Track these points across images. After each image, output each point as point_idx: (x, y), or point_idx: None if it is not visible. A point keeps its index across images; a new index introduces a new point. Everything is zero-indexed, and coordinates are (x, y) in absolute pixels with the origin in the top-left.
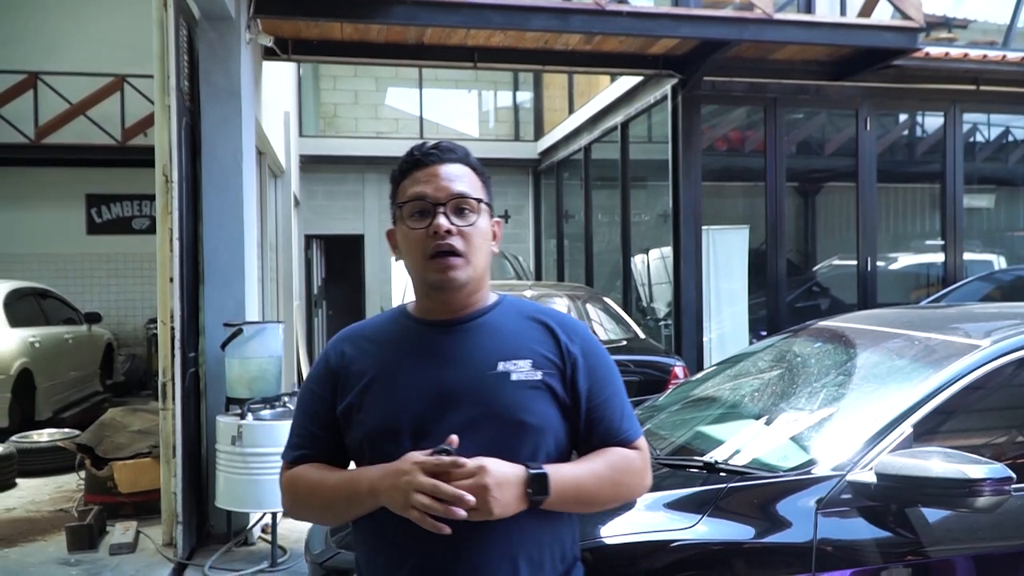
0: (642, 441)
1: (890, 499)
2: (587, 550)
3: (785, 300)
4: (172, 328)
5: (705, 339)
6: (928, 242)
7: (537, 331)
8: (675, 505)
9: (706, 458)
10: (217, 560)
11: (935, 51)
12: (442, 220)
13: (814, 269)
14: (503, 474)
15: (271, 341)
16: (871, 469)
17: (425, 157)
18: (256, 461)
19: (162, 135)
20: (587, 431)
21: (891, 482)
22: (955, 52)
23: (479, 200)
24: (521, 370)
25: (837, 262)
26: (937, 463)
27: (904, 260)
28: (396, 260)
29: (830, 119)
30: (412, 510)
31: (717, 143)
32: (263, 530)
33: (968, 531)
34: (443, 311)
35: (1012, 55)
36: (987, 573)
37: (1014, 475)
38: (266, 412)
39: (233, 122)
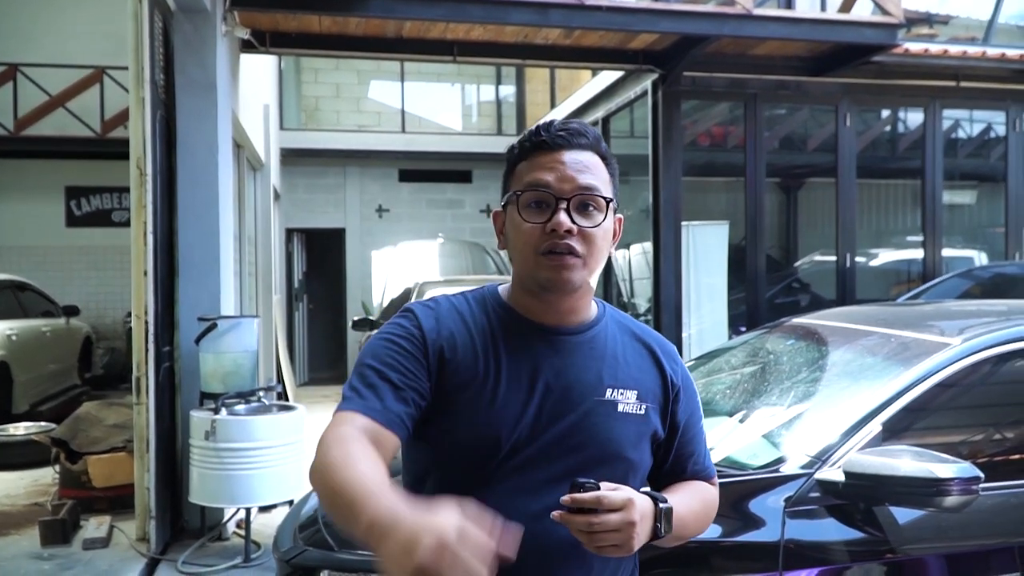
0: (716, 478)
1: (858, 498)
2: None
3: (765, 296)
4: (146, 322)
5: (684, 335)
6: (909, 238)
7: (642, 355)
8: None
9: None
10: (190, 555)
11: (915, 47)
12: (563, 217)
13: (795, 265)
14: (644, 508)
15: (246, 336)
16: (839, 467)
17: (553, 140)
18: (230, 456)
19: (136, 128)
20: (677, 463)
21: (859, 480)
22: (935, 48)
23: (607, 199)
24: (628, 401)
25: (819, 258)
26: (905, 462)
27: (885, 256)
28: (498, 248)
29: (813, 115)
30: None
31: (700, 138)
32: (237, 525)
33: (936, 530)
34: (548, 313)
35: (992, 51)
36: (955, 573)
37: (982, 475)
38: (241, 407)
39: (209, 115)
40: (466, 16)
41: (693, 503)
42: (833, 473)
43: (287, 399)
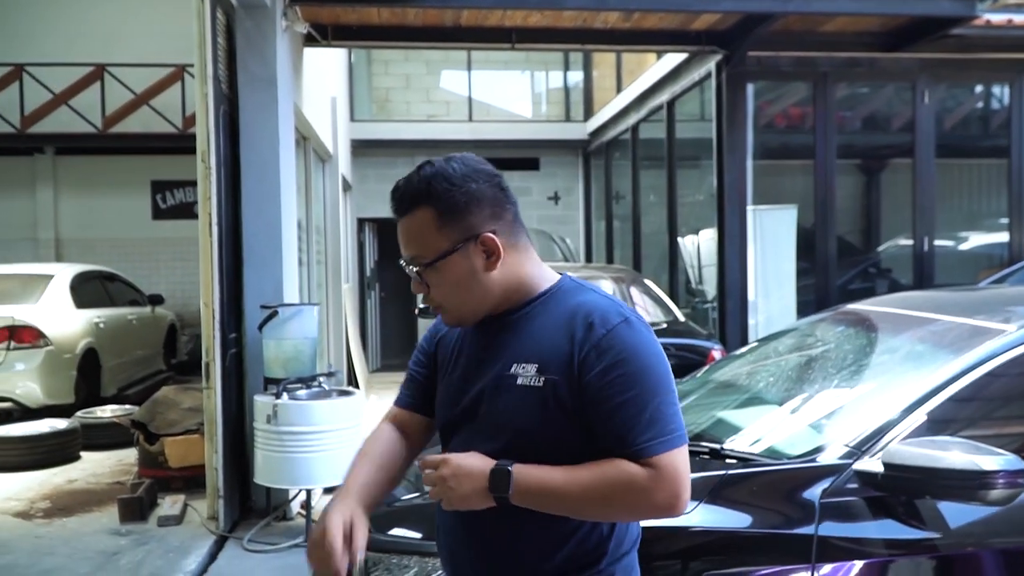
0: (663, 459)
1: (898, 490)
2: None
3: (836, 282)
4: (213, 310)
5: (751, 322)
6: (1000, 220)
7: (559, 327)
8: None
9: (711, 444)
10: (256, 534)
11: (997, 18)
12: (414, 284)
13: (878, 250)
14: (464, 467)
15: (307, 323)
16: (879, 458)
17: (393, 210)
18: (291, 439)
19: (201, 122)
20: (600, 437)
21: (899, 472)
22: (1020, 19)
23: (428, 264)
24: (527, 374)
25: (903, 242)
26: (948, 453)
27: (974, 240)
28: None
29: (897, 92)
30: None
31: (776, 119)
32: (301, 506)
33: (982, 525)
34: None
35: None
36: (1001, 570)
37: None
38: (302, 392)
39: (270, 108)
40: (523, 2)
41: (583, 476)
42: (872, 464)
43: (357, 385)
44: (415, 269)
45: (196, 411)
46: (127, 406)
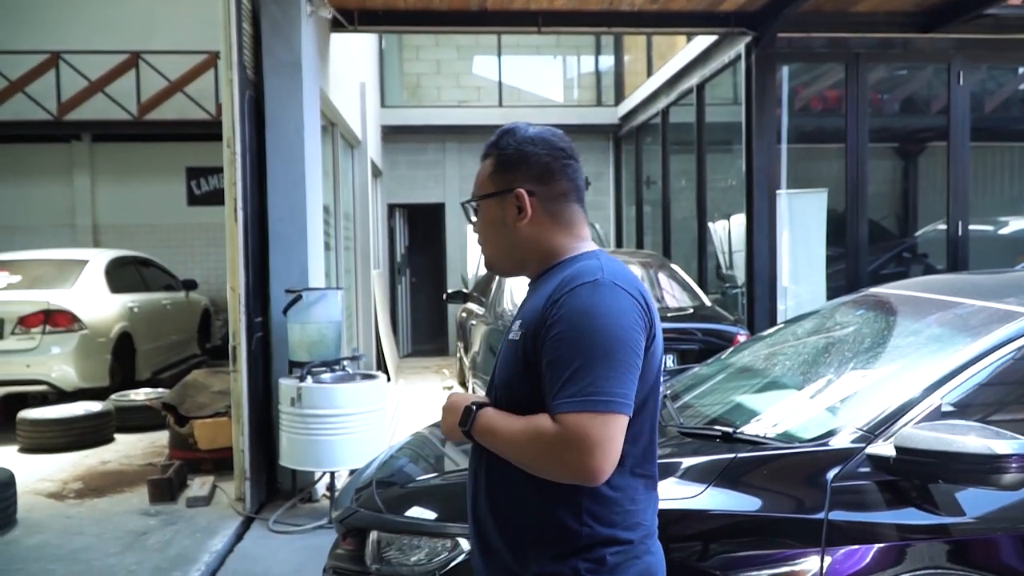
0: (570, 418)
1: (910, 474)
2: None
3: (867, 267)
4: (239, 294)
5: (780, 307)
6: None
7: (551, 287)
8: (685, 474)
9: (724, 428)
10: (281, 515)
11: None
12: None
13: (916, 234)
14: (453, 404)
15: (331, 307)
16: (892, 442)
17: None
18: (315, 422)
19: (227, 108)
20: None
21: (911, 456)
22: None
23: (469, 201)
24: (515, 331)
25: (941, 227)
26: (961, 437)
27: (1014, 224)
28: None
29: (937, 74)
30: None
31: (812, 103)
32: (327, 488)
33: (996, 510)
34: (527, 276)
35: None
36: (1017, 556)
37: None
38: (326, 375)
39: (294, 94)
40: None
41: (517, 425)
42: (884, 448)
43: (387, 370)
44: (464, 208)
45: (225, 394)
46: (160, 389)
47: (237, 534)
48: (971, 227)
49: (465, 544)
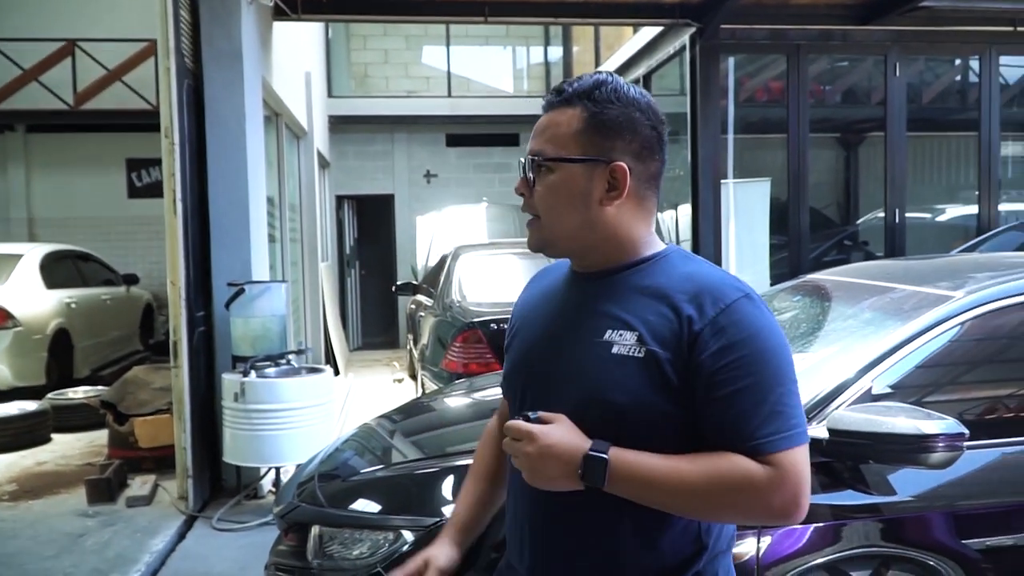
0: (785, 456)
1: (843, 455)
2: None
3: (809, 255)
4: (179, 288)
5: None
6: (973, 193)
7: (673, 295)
8: None
9: None
10: (225, 513)
11: None
12: (519, 180)
13: (858, 222)
14: (555, 448)
15: (275, 300)
16: (825, 425)
17: (545, 104)
18: (259, 417)
19: (164, 98)
20: (704, 427)
21: (843, 437)
22: None
23: (547, 159)
24: (625, 343)
25: (881, 215)
26: (890, 418)
27: (951, 212)
28: None
29: (877, 66)
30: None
31: (757, 94)
32: (273, 484)
33: (925, 489)
34: (582, 266)
35: None
36: (945, 533)
37: (967, 431)
38: (270, 370)
39: (235, 84)
40: None
41: (690, 471)
42: (818, 430)
43: (336, 364)
44: (531, 163)
45: (166, 391)
46: (100, 387)
47: (179, 533)
48: (908, 215)
49: (408, 535)
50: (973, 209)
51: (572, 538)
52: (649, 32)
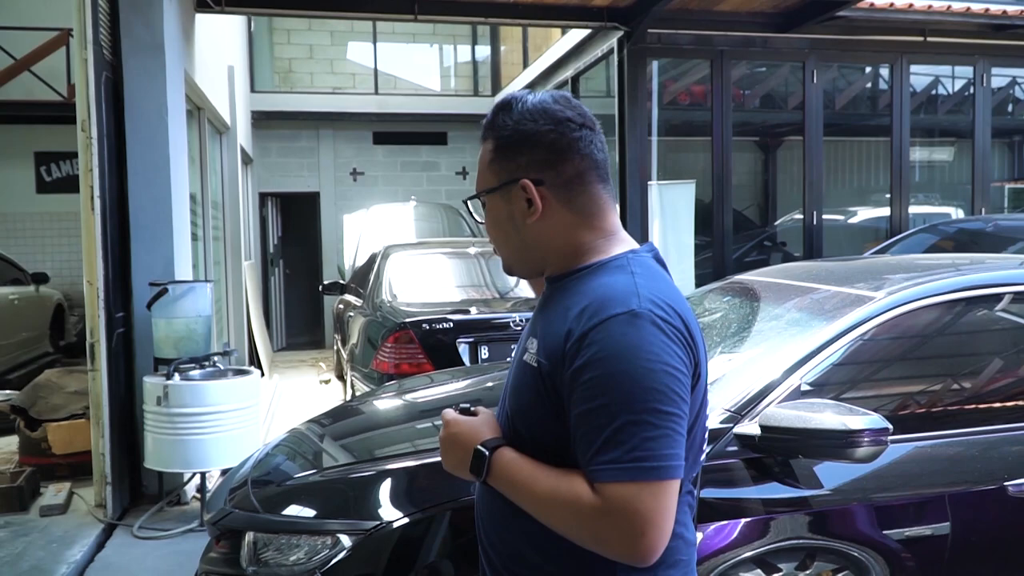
0: (613, 489)
1: (774, 451)
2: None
3: (732, 255)
4: (97, 288)
5: None
6: (885, 196)
7: (573, 306)
8: None
9: None
10: (147, 520)
11: (880, 1)
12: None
13: (775, 224)
14: (457, 435)
15: (199, 300)
16: (756, 422)
17: None
18: (183, 421)
19: (81, 90)
20: (571, 443)
21: (774, 434)
22: (900, 2)
23: (472, 198)
24: (531, 351)
25: (798, 216)
26: (818, 414)
27: (862, 214)
28: None
29: (794, 72)
30: None
31: (680, 97)
32: (197, 490)
33: (850, 482)
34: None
35: (957, 5)
36: (868, 524)
37: (891, 426)
38: (195, 372)
39: (157, 76)
40: None
41: (542, 480)
42: (750, 427)
43: (260, 365)
44: (479, 200)
45: (82, 394)
46: (8, 391)
47: (98, 542)
48: (824, 217)
49: (346, 540)
50: (884, 211)
51: (507, 535)
52: (577, 35)
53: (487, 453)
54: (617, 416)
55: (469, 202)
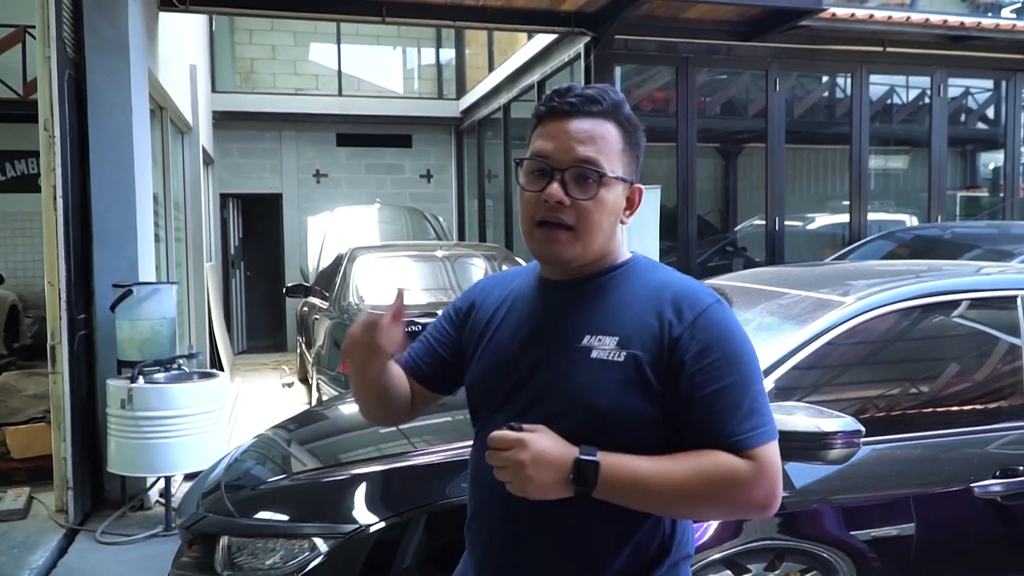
0: (764, 451)
1: None
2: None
3: (696, 259)
4: (59, 289)
5: None
6: (844, 203)
7: (644, 301)
8: None
9: None
10: (109, 525)
11: (842, 12)
12: (555, 188)
13: (735, 229)
14: (546, 453)
15: (164, 302)
16: None
17: (562, 107)
18: (148, 425)
19: (43, 88)
20: (684, 427)
21: None
22: (861, 13)
23: (603, 175)
24: (604, 347)
25: (757, 222)
26: (793, 417)
27: (820, 220)
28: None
29: (754, 80)
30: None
31: (643, 103)
32: (160, 494)
33: (820, 483)
34: (556, 273)
35: (916, 16)
36: (836, 523)
37: (863, 428)
38: (160, 375)
39: (122, 75)
40: None
41: (678, 469)
42: None
43: (221, 368)
44: (573, 173)
45: (41, 398)
46: None
47: (60, 548)
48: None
49: (322, 545)
50: (841, 218)
51: (544, 543)
52: (544, 39)
53: (598, 460)
54: (748, 390)
55: (567, 171)
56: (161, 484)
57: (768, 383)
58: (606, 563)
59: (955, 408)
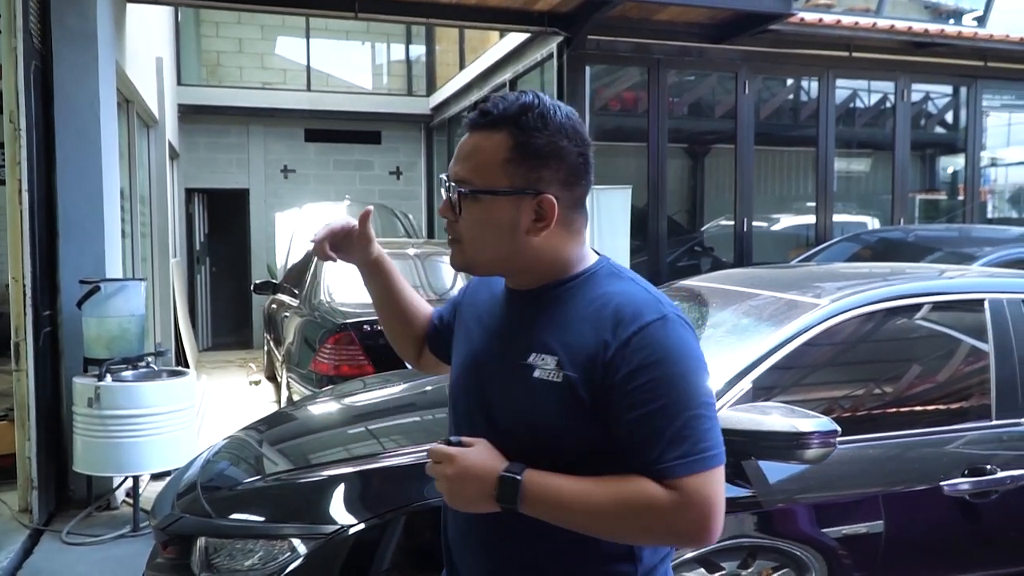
0: (689, 481)
1: (728, 452)
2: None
3: (666, 259)
4: (23, 285)
5: None
6: (809, 204)
7: (591, 317)
8: None
9: None
10: (76, 525)
11: (810, 17)
12: (442, 205)
13: (702, 229)
14: (472, 469)
15: (132, 299)
16: None
17: (467, 120)
18: (115, 424)
19: (8, 80)
20: (620, 448)
21: (727, 436)
22: (829, 18)
23: (465, 193)
24: (546, 367)
25: (724, 222)
26: (770, 417)
27: (786, 221)
28: None
29: (720, 82)
30: None
31: (611, 103)
32: (127, 494)
33: (796, 481)
34: (510, 283)
35: (882, 22)
36: (810, 521)
37: (839, 428)
38: (128, 373)
39: (89, 67)
40: None
41: (598, 493)
42: None
43: (187, 365)
44: (455, 190)
45: (5, 396)
46: None
47: (25, 549)
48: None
49: (301, 547)
50: (806, 219)
51: (503, 558)
52: (516, 38)
53: (519, 478)
54: (679, 415)
55: (447, 183)
56: (128, 484)
57: (746, 383)
58: (592, 562)
59: (926, 408)
